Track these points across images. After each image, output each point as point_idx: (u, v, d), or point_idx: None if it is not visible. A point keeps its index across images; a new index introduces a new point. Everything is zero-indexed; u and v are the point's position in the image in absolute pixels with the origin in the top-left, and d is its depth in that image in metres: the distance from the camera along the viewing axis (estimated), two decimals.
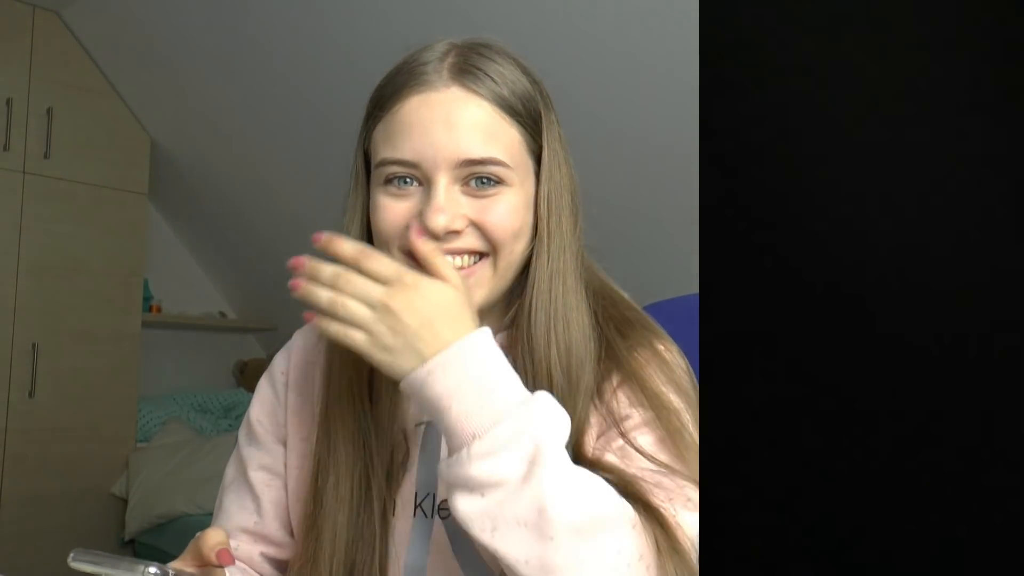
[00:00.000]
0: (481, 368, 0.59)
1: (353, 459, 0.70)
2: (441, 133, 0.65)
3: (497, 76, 0.68)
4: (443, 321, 0.60)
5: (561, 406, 0.61)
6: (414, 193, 0.67)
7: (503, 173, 0.67)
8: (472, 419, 0.58)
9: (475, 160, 0.66)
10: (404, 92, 0.67)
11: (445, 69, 0.67)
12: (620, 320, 0.72)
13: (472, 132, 0.66)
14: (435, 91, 0.66)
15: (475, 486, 0.57)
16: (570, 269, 0.70)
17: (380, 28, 2.06)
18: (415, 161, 0.66)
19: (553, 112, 0.73)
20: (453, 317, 0.61)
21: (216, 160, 2.93)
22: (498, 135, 0.67)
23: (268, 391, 0.81)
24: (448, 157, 0.65)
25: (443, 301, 0.61)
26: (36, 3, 2.62)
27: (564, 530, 0.55)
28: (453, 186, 0.66)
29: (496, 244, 0.67)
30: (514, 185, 0.68)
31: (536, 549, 0.55)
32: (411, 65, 0.69)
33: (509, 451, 0.57)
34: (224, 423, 3.15)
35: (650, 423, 0.67)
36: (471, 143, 0.66)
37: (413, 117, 0.66)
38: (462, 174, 0.66)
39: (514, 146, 0.68)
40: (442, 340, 0.60)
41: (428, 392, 0.59)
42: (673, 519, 0.60)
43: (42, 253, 2.62)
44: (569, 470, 0.58)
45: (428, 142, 0.65)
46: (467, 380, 0.59)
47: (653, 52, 1.77)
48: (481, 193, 0.67)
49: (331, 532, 0.69)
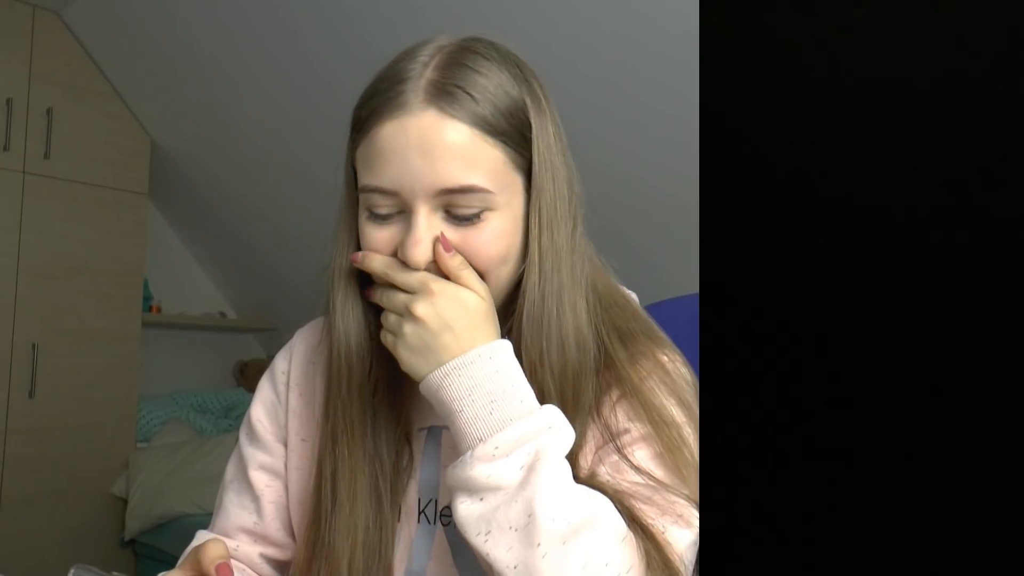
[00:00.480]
0: (495, 376, 0.61)
1: (362, 464, 0.69)
2: (418, 161, 0.62)
3: (479, 92, 0.64)
4: (464, 327, 0.63)
5: (567, 420, 0.62)
6: (397, 220, 0.66)
7: (486, 200, 0.64)
8: (480, 424, 0.60)
9: (453, 189, 0.63)
10: (380, 116, 0.64)
11: (422, 89, 0.63)
12: (623, 330, 0.71)
13: (450, 160, 0.62)
14: (411, 115, 0.63)
15: (475, 489, 0.58)
16: (566, 286, 0.67)
17: (380, 29, 2.06)
18: (394, 189, 0.64)
19: (547, 111, 0.69)
20: (474, 324, 0.63)
21: (216, 160, 2.93)
22: (478, 159, 0.63)
23: (269, 391, 0.81)
24: (426, 187, 0.63)
25: (466, 308, 0.63)
26: (36, 3, 2.62)
27: (550, 537, 0.56)
28: (434, 214, 0.64)
29: (482, 270, 0.66)
30: (499, 208, 0.65)
31: (523, 555, 0.56)
32: (389, 83, 0.65)
33: (510, 457, 0.59)
34: (224, 423, 3.15)
35: (648, 438, 0.66)
36: (449, 171, 0.62)
37: (389, 144, 0.63)
38: (442, 201, 0.64)
39: (497, 167, 0.64)
40: (461, 345, 0.62)
41: (443, 395, 0.62)
42: (662, 535, 0.60)
43: (42, 253, 2.62)
44: (565, 481, 0.59)
45: (405, 171, 0.63)
46: (479, 386, 0.61)
47: (653, 53, 1.77)
48: (463, 223, 0.64)
49: (345, 537, 0.68)
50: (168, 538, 2.59)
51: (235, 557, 0.78)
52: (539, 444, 0.59)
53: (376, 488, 0.69)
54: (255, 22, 2.30)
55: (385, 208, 0.65)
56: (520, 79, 0.67)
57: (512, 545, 0.56)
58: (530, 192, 0.67)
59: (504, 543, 0.57)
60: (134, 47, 2.67)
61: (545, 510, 0.56)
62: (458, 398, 0.61)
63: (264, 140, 2.69)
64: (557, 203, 0.67)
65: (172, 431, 2.92)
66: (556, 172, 0.68)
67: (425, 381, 0.63)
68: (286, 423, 0.78)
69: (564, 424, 0.62)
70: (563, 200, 0.68)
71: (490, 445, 0.59)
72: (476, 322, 0.63)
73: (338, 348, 0.69)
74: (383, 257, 0.66)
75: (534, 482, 0.57)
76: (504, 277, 0.67)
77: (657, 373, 0.69)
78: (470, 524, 0.58)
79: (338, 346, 0.69)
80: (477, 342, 0.63)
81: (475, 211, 0.64)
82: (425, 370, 0.63)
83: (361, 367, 0.69)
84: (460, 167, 0.63)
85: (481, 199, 0.64)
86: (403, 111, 0.63)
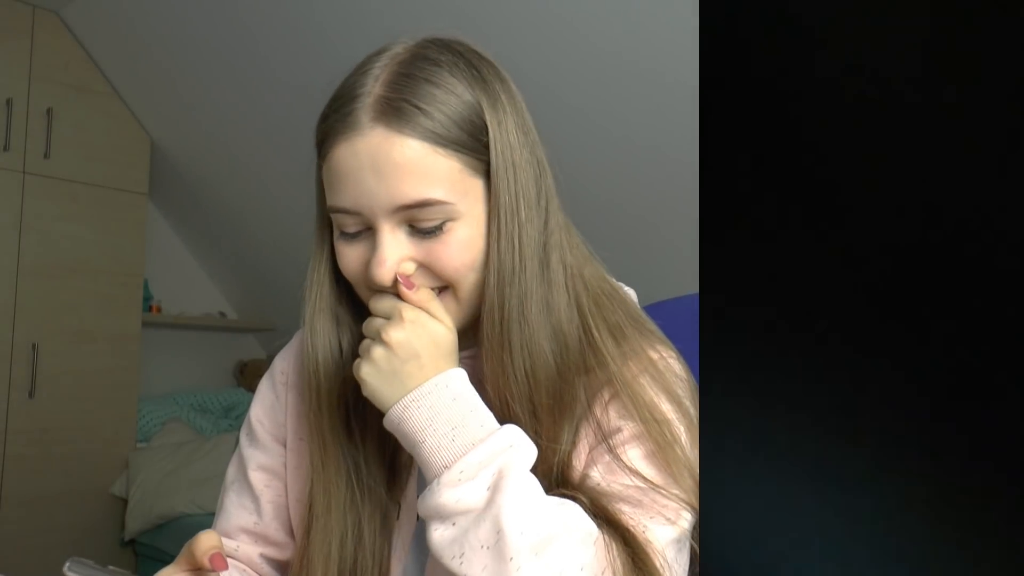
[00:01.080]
0: (452, 403, 0.62)
1: (335, 479, 0.70)
2: (371, 182, 0.63)
3: (429, 104, 0.63)
4: (430, 357, 0.64)
5: (527, 436, 0.63)
6: (365, 236, 0.66)
7: (445, 211, 0.63)
8: (443, 452, 0.61)
9: (410, 205, 0.63)
10: (334, 137, 0.64)
11: (370, 107, 0.63)
12: (614, 325, 0.70)
13: (402, 176, 0.62)
14: (360, 136, 0.63)
15: (446, 515, 0.59)
16: (531, 287, 0.66)
17: (379, 30, 2.06)
18: (355, 209, 0.64)
19: (506, 108, 0.67)
20: (441, 355, 0.64)
21: (216, 160, 2.93)
22: (432, 172, 0.63)
23: (268, 391, 0.81)
24: (383, 205, 0.63)
25: (435, 339, 0.64)
26: (36, 3, 2.62)
27: (521, 551, 0.56)
28: (397, 230, 0.64)
29: (452, 281, 0.66)
30: (460, 217, 0.64)
31: (498, 571, 0.56)
32: (340, 102, 0.65)
33: (475, 480, 0.60)
34: (224, 423, 3.15)
35: (640, 436, 0.66)
36: (402, 188, 0.62)
37: (344, 166, 0.63)
38: (403, 217, 0.64)
39: (453, 177, 0.63)
40: (424, 375, 0.63)
41: (405, 427, 0.63)
42: (643, 535, 0.61)
43: (42, 253, 2.62)
44: (531, 495, 0.59)
45: (361, 191, 0.63)
46: (439, 415, 0.62)
47: (653, 53, 1.77)
48: (427, 236, 0.64)
49: (323, 534, 0.69)
50: (168, 538, 2.59)
51: (235, 557, 0.78)
52: (501, 463, 0.60)
53: (358, 483, 0.70)
54: (255, 22, 2.30)
55: (352, 227, 0.66)
56: (475, 80, 0.66)
57: (486, 563, 0.57)
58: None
59: (478, 562, 0.57)
60: (134, 47, 2.67)
61: (512, 525, 0.57)
62: (420, 428, 0.62)
63: (264, 140, 2.69)
64: (520, 202, 0.66)
65: (172, 431, 2.92)
66: (518, 170, 0.66)
67: (387, 416, 0.64)
68: (285, 423, 0.79)
69: (525, 441, 0.63)
70: (527, 197, 0.66)
71: (455, 470, 0.60)
72: (442, 353, 0.64)
73: (308, 363, 0.71)
74: (370, 292, 0.67)
75: (499, 500, 0.58)
76: (477, 281, 0.66)
77: (650, 370, 0.68)
78: (444, 549, 0.59)
79: (308, 362, 0.71)
80: (439, 371, 0.64)
81: (436, 223, 0.64)
82: (388, 398, 0.63)
83: (329, 382, 0.70)
84: (413, 183, 0.62)
85: (441, 211, 0.63)
86: (353, 132, 0.63)
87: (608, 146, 1.97)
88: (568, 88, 1.90)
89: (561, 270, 0.68)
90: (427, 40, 0.69)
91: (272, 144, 2.68)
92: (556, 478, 0.66)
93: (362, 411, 0.71)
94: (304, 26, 2.22)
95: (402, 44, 0.68)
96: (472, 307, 0.68)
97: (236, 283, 3.48)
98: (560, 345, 0.67)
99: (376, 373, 0.63)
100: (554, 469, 0.66)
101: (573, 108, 1.92)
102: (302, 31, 2.24)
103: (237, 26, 2.34)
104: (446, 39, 0.69)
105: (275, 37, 2.31)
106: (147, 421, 2.95)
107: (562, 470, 0.66)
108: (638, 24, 1.74)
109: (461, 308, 0.67)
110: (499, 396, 0.66)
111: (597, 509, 0.62)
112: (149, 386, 3.11)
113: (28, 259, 2.59)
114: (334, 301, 0.71)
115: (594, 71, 1.88)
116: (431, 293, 0.66)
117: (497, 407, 0.66)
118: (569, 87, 1.90)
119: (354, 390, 0.69)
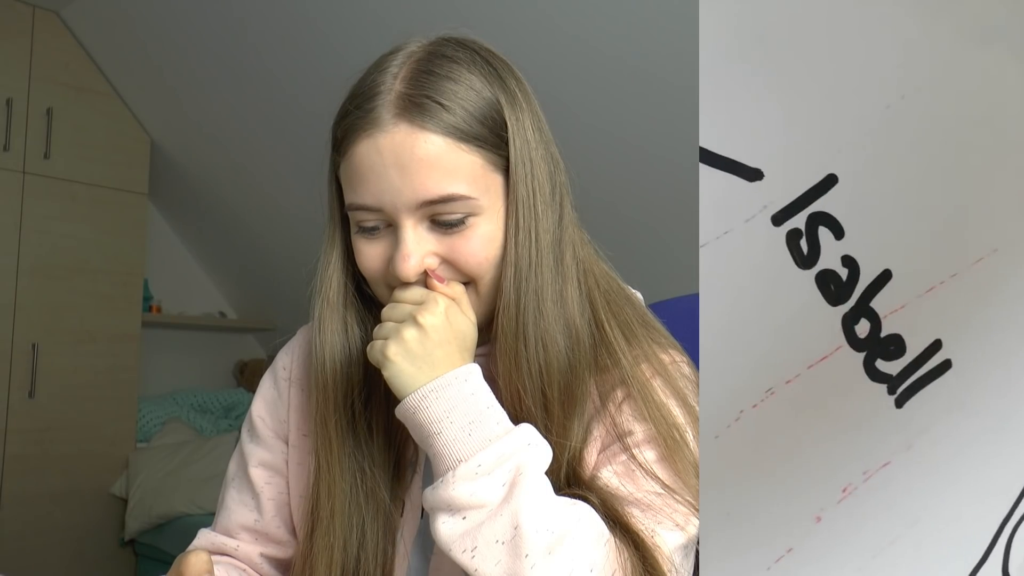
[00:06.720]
0: (470, 398, 0.62)
1: (340, 482, 0.70)
2: (395, 178, 0.63)
3: (450, 100, 0.64)
4: (456, 348, 0.64)
5: (543, 436, 0.63)
6: (386, 233, 0.66)
7: (468, 205, 0.64)
8: (459, 445, 0.61)
9: (434, 200, 0.63)
10: (354, 136, 0.64)
11: (392, 103, 0.63)
12: (624, 323, 0.71)
13: (426, 172, 0.63)
14: (383, 132, 0.63)
15: (457, 508, 0.59)
16: (547, 280, 0.66)
17: (379, 32, 2.06)
18: (377, 206, 0.64)
19: (523, 105, 0.68)
20: (464, 348, 0.65)
21: (216, 160, 2.93)
22: (455, 168, 0.63)
23: (270, 387, 0.81)
24: (407, 201, 0.63)
25: (462, 331, 0.65)
26: (36, 3, 2.62)
27: (537, 548, 0.57)
28: (420, 225, 0.65)
29: (474, 276, 0.66)
30: (483, 212, 0.65)
31: (512, 567, 0.57)
32: (361, 100, 0.65)
33: (492, 475, 0.59)
34: (224, 423, 3.15)
35: (652, 440, 0.66)
36: (426, 184, 0.63)
37: (366, 163, 0.64)
38: (426, 212, 0.64)
39: (475, 172, 0.64)
40: (450, 364, 0.63)
41: (420, 416, 0.62)
42: (651, 540, 0.61)
43: (42, 253, 2.62)
44: (546, 494, 0.60)
45: (384, 187, 0.63)
46: (456, 408, 0.62)
47: (653, 54, 1.77)
48: (449, 230, 0.65)
49: (327, 537, 0.69)
50: (168, 538, 2.59)
51: (235, 556, 0.78)
52: (519, 461, 0.60)
53: (363, 480, 0.70)
54: (255, 22, 2.30)
55: (372, 222, 0.66)
56: (493, 77, 0.67)
57: (500, 558, 0.57)
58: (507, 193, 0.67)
59: (492, 557, 0.57)
60: (134, 47, 2.67)
61: (530, 522, 0.57)
62: (436, 420, 0.61)
63: (264, 140, 2.69)
64: (537, 198, 0.67)
65: (172, 431, 2.92)
66: (534, 167, 0.67)
67: (402, 404, 0.63)
68: (287, 419, 0.78)
69: (541, 441, 0.63)
70: (543, 193, 0.67)
71: (472, 464, 0.59)
72: (466, 347, 0.65)
73: (316, 361, 0.71)
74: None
75: (518, 496, 0.58)
76: (495, 280, 0.67)
77: (660, 373, 0.69)
78: (454, 542, 0.59)
79: (316, 359, 0.71)
80: (458, 366, 0.64)
81: (459, 216, 0.64)
82: (412, 381, 0.63)
83: (336, 382, 0.70)
84: (437, 178, 0.63)
85: (464, 205, 0.64)
86: (376, 128, 0.63)
87: (608, 147, 1.97)
88: (568, 88, 1.90)
89: (574, 265, 0.69)
90: (442, 38, 0.69)
91: (272, 144, 2.68)
92: (566, 475, 0.66)
93: (369, 412, 0.71)
94: (304, 27, 2.22)
95: (416, 43, 0.69)
96: (489, 303, 0.68)
97: (236, 283, 3.48)
98: (572, 339, 0.67)
99: (405, 353, 0.63)
100: (564, 466, 0.66)
101: (573, 108, 1.92)
102: (302, 32, 2.24)
103: (237, 26, 2.34)
104: (460, 37, 0.70)
105: (275, 38, 2.31)
106: (147, 421, 2.95)
107: (572, 467, 0.66)
108: (638, 25, 1.75)
109: (481, 303, 0.68)
110: (511, 391, 0.66)
111: (607, 511, 0.62)
112: (149, 386, 3.11)
113: (28, 259, 2.59)
114: (344, 299, 0.71)
115: (594, 72, 1.88)
116: (462, 288, 0.66)
117: (508, 403, 0.66)
118: (569, 87, 1.90)
119: (361, 390, 0.69)
